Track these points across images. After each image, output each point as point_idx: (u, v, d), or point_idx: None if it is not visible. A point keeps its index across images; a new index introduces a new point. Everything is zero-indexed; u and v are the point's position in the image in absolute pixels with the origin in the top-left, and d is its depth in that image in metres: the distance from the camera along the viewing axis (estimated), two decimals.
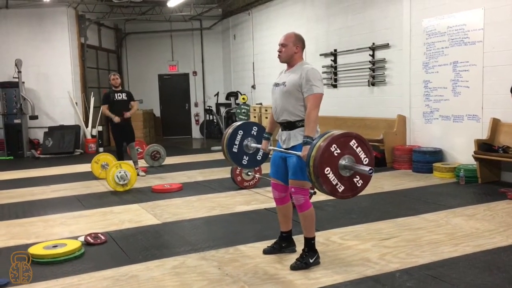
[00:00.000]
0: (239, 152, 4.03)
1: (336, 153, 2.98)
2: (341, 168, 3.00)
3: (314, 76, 3.39)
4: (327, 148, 2.96)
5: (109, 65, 14.38)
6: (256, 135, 4.05)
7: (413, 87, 7.80)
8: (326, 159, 2.95)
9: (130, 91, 8.17)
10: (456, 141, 7.11)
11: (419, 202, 5.48)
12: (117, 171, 6.59)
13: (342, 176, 3.00)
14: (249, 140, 4.03)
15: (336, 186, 2.98)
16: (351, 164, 3.00)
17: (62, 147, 11.45)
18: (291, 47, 3.49)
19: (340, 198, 3.09)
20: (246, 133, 4.03)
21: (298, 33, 3.58)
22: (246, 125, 4.07)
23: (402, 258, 3.63)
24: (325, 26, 9.78)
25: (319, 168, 2.93)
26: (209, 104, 14.82)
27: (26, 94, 11.25)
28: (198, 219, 5.08)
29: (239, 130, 4.01)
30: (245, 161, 4.09)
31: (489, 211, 4.91)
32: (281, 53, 3.53)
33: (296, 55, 3.52)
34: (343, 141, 3.02)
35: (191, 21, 14.61)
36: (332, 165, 2.97)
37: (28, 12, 11.64)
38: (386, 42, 8.23)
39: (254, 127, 4.07)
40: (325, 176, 2.95)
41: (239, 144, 4.02)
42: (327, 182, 2.96)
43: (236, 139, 4.01)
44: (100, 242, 4.27)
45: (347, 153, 3.02)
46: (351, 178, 3.03)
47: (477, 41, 6.61)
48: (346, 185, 3.02)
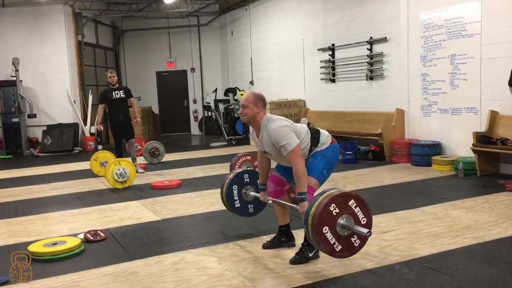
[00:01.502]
0: (242, 205, 4.07)
1: (334, 213, 2.97)
2: (339, 227, 2.98)
3: (280, 136, 3.32)
4: (326, 207, 2.95)
5: (106, 63, 14.35)
6: (250, 181, 4.07)
7: (411, 80, 7.80)
8: (324, 218, 2.94)
9: (127, 87, 8.12)
10: (455, 134, 7.11)
11: (418, 195, 5.48)
12: (116, 169, 6.59)
13: (340, 235, 2.98)
14: (247, 189, 4.06)
15: (333, 245, 2.96)
16: (349, 225, 2.99)
17: (60, 145, 11.45)
18: (252, 108, 3.43)
19: (337, 257, 3.08)
20: (240, 185, 4.05)
21: (258, 93, 3.52)
22: (236, 178, 4.05)
23: (402, 250, 3.64)
24: (322, 20, 9.76)
25: (318, 227, 2.92)
26: (207, 100, 14.80)
27: (24, 93, 11.23)
28: (198, 215, 5.09)
29: (233, 185, 4.02)
30: (252, 209, 4.14)
31: (488, 203, 4.92)
32: (242, 114, 3.49)
33: (258, 115, 3.45)
34: (342, 201, 3.01)
35: (188, 17, 14.57)
36: (331, 225, 2.96)
37: (25, 11, 11.61)
38: (383, 36, 8.22)
39: (245, 175, 4.08)
40: (323, 235, 2.94)
41: (239, 198, 4.05)
42: (325, 242, 2.94)
43: (234, 195, 4.05)
44: (99, 239, 4.28)
45: (346, 212, 3.00)
46: (348, 237, 3.01)
47: (475, 33, 6.60)
48: (344, 244, 3.00)
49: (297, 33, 10.62)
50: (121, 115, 7.79)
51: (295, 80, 10.78)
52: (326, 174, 3.50)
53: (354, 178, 6.68)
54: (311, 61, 10.19)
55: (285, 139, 3.31)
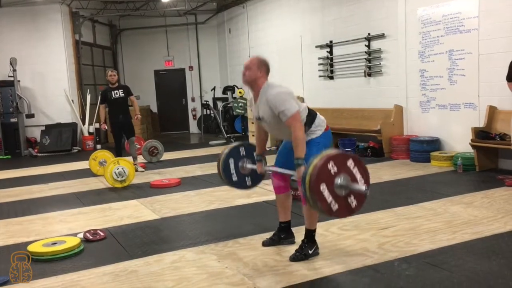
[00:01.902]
0: (239, 178, 4.01)
1: (333, 171, 2.97)
2: (336, 186, 2.99)
3: (280, 102, 3.32)
4: (325, 165, 2.96)
5: (104, 62, 14.33)
6: (246, 154, 4.02)
7: (409, 76, 7.80)
8: (322, 176, 2.94)
9: (126, 85, 8.10)
10: (453, 129, 7.11)
11: (417, 191, 5.49)
12: (115, 168, 6.58)
13: (337, 195, 2.99)
14: (244, 162, 3.99)
15: (330, 204, 2.96)
16: (347, 183, 3.00)
17: (59, 145, 11.43)
18: (255, 71, 3.44)
19: (335, 216, 3.10)
20: (236, 158, 3.99)
21: (263, 58, 3.54)
22: (232, 151, 4.00)
23: (401, 247, 3.65)
24: (320, 17, 9.75)
25: (315, 184, 2.92)
26: (206, 98, 14.78)
27: (22, 93, 11.21)
28: (197, 213, 5.09)
29: (229, 159, 3.96)
30: (249, 182, 4.08)
31: (487, 198, 4.92)
32: (245, 76, 3.50)
33: (260, 80, 3.47)
34: (340, 160, 3.01)
35: (185, 15, 14.55)
36: (328, 182, 2.96)
37: (22, 11, 11.57)
38: (381, 32, 8.21)
39: (241, 148, 4.03)
40: (320, 193, 2.94)
41: (236, 171, 3.99)
42: (322, 200, 2.95)
43: (231, 169, 3.97)
44: (99, 238, 4.27)
45: (344, 172, 3.01)
46: (345, 198, 3.02)
47: (473, 29, 6.60)
48: (341, 204, 3.00)
49: (295, 30, 10.61)
50: (121, 114, 7.78)
51: (293, 77, 10.76)
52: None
53: None
54: (309, 58, 10.18)
55: (284, 105, 3.30)
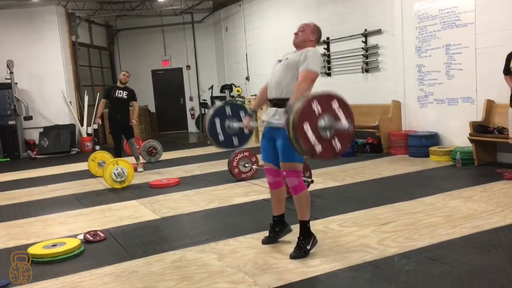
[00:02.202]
0: (226, 138, 3.99)
1: (316, 111, 2.94)
2: (320, 128, 2.96)
3: (314, 56, 3.42)
4: (309, 103, 2.93)
5: (101, 63, 14.31)
6: (232, 114, 3.99)
7: (406, 72, 7.80)
8: (306, 114, 2.91)
9: (133, 90, 8.06)
10: (452, 124, 7.12)
11: (416, 186, 5.49)
12: (114, 168, 6.58)
13: (321, 136, 2.96)
14: (230, 121, 3.97)
15: (313, 145, 2.93)
16: (331, 123, 2.97)
17: (58, 146, 11.42)
18: (308, 34, 3.58)
19: (318, 158, 3.05)
20: (222, 118, 3.97)
21: (318, 26, 3.68)
22: (218, 111, 3.98)
23: (401, 242, 3.65)
24: (316, 14, 9.72)
25: (299, 123, 2.89)
26: (204, 97, 14.77)
27: (19, 95, 11.19)
28: (197, 213, 5.09)
29: (215, 118, 3.94)
30: (236, 141, 4.07)
31: (486, 192, 4.93)
32: (297, 35, 3.59)
33: (309, 43, 3.58)
34: (325, 100, 3.00)
35: (182, 15, 14.52)
36: (312, 122, 2.93)
37: (18, 13, 11.54)
38: (378, 28, 8.21)
39: (227, 107, 4.00)
40: (303, 132, 2.90)
41: (222, 131, 3.97)
42: (305, 139, 2.91)
43: (217, 128, 3.95)
44: (99, 239, 4.27)
45: (328, 113, 2.98)
46: (329, 140, 3.00)
47: (469, 23, 6.60)
48: (324, 146, 2.97)
49: (291, 27, 10.44)
50: (119, 114, 7.77)
51: None
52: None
53: (352, 171, 6.69)
54: None
55: (314, 60, 3.40)
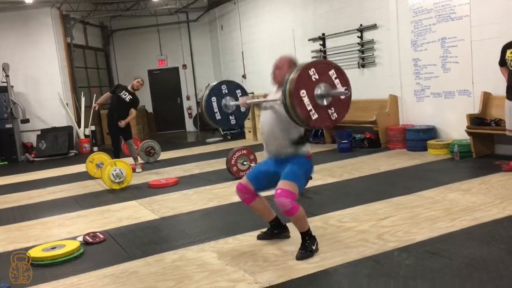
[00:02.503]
0: (223, 117, 3.98)
1: (314, 78, 2.94)
2: (317, 96, 2.96)
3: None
4: (306, 70, 2.92)
5: (97, 64, 14.28)
6: (228, 92, 3.99)
7: (402, 66, 7.79)
8: (303, 81, 2.90)
9: (138, 99, 8.04)
10: (449, 117, 7.12)
11: (415, 180, 5.50)
12: (112, 169, 6.57)
13: (318, 104, 2.96)
14: (226, 100, 3.97)
15: (310, 112, 2.92)
16: (327, 90, 2.96)
17: (56, 149, 11.39)
18: (286, 70, 3.44)
19: (313, 126, 3.05)
20: (219, 96, 3.96)
21: (293, 57, 3.60)
22: (215, 89, 3.98)
23: (400, 236, 3.65)
24: (311, 10, 9.72)
25: (295, 89, 2.88)
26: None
27: (16, 98, 11.16)
28: (196, 212, 5.09)
29: (211, 97, 3.94)
30: (233, 120, 4.06)
31: (485, 185, 4.94)
32: (275, 75, 3.53)
33: None
34: (322, 68, 3.00)
35: (177, 14, 14.49)
36: (309, 89, 2.92)
37: (12, 15, 11.49)
38: (373, 22, 8.20)
39: (223, 86, 4.00)
40: (300, 98, 2.89)
41: (219, 110, 3.96)
42: (302, 106, 2.90)
43: (213, 107, 3.95)
44: (98, 241, 4.27)
45: (325, 80, 2.98)
46: (326, 108, 2.99)
47: (464, 15, 6.59)
48: (321, 114, 2.96)
49: (287, 24, 10.57)
50: (115, 112, 7.79)
51: None
52: (304, 182, 3.47)
53: (350, 166, 6.69)
54: (303, 51, 10.15)
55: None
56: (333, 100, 3.02)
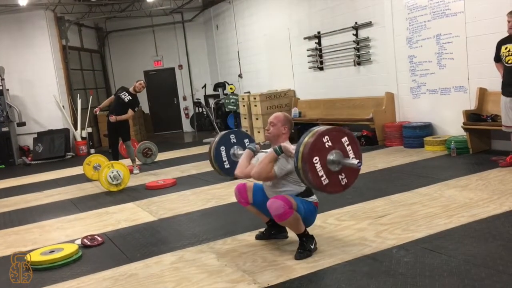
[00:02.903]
0: (231, 166, 4.03)
1: (327, 145, 3.01)
2: (329, 162, 3.02)
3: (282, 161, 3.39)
4: (320, 137, 3.00)
5: (93, 65, 14.25)
6: (237, 141, 4.08)
7: (398, 63, 7.80)
8: (317, 148, 2.98)
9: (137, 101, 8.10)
10: (445, 113, 7.13)
11: (412, 177, 5.50)
12: (109, 172, 6.56)
13: (329, 170, 3.03)
14: (234, 149, 4.05)
15: (321, 178, 2.99)
16: (339, 158, 3.03)
17: (52, 151, 11.36)
18: (280, 128, 3.47)
19: (324, 191, 3.10)
20: (227, 146, 4.05)
21: (288, 115, 3.61)
22: (223, 139, 4.06)
23: (398, 234, 3.66)
24: (306, 8, 9.72)
25: (309, 155, 2.95)
26: (197, 96, 14.73)
27: (11, 101, 11.13)
28: (194, 213, 5.08)
29: (220, 147, 4.03)
30: None
31: (482, 180, 4.95)
32: (268, 131, 3.53)
33: (283, 136, 3.50)
34: (336, 135, 3.06)
35: (172, 14, 14.47)
36: (321, 156, 2.99)
37: (6, 18, 11.45)
38: (368, 20, 8.20)
39: (231, 135, 4.09)
40: (312, 165, 2.96)
41: (228, 159, 4.04)
42: (313, 172, 2.97)
43: (222, 157, 4.03)
44: (97, 244, 4.26)
45: (338, 148, 3.05)
46: (336, 174, 3.06)
47: (459, 12, 6.60)
48: (331, 179, 3.03)
49: (282, 23, 10.57)
50: (114, 113, 7.80)
51: (284, 70, 10.75)
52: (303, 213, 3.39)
53: None
54: (298, 50, 10.16)
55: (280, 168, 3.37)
56: (345, 166, 3.08)
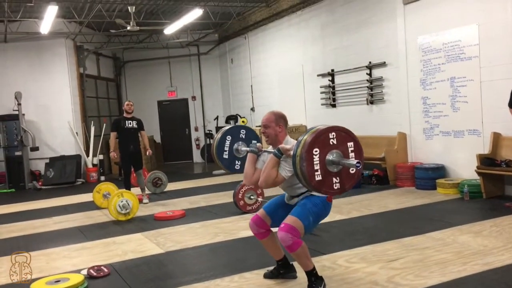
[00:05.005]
0: (229, 158, 3.97)
1: (331, 142, 2.94)
2: (328, 161, 2.93)
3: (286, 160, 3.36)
4: (327, 131, 2.93)
5: (108, 94, 14.47)
6: (245, 138, 4.00)
7: (411, 104, 7.81)
8: (320, 140, 2.89)
9: (140, 119, 8.15)
10: (458, 156, 7.08)
11: (424, 220, 5.42)
12: (119, 200, 6.55)
13: (326, 168, 2.93)
14: (239, 144, 3.97)
15: (315, 172, 2.88)
16: (339, 158, 2.95)
17: (63, 177, 11.41)
18: (274, 128, 3.46)
19: (314, 187, 2.95)
20: (234, 138, 3.97)
21: (278, 111, 3.57)
22: (234, 129, 4.00)
23: (411, 280, 3.57)
24: (321, 46, 9.86)
25: (310, 144, 2.86)
26: (209, 128, 14.84)
27: (26, 126, 11.28)
28: (202, 247, 5.02)
29: (227, 135, 3.96)
30: (238, 166, 4.03)
31: (496, 227, 4.85)
32: (265, 135, 3.51)
33: (280, 134, 3.48)
34: (343, 136, 3.00)
35: (188, 47, 14.75)
36: (322, 150, 2.90)
37: (27, 45, 11.75)
38: (382, 60, 8.28)
39: (242, 130, 4.01)
40: (311, 155, 2.86)
41: (229, 150, 3.96)
42: (310, 163, 2.86)
43: (225, 145, 3.95)
44: (103, 275, 4.21)
45: (341, 149, 2.97)
46: (332, 175, 2.96)
47: (473, 56, 6.64)
48: (325, 178, 2.92)
49: (296, 59, 10.71)
50: (132, 145, 7.83)
51: (296, 105, 10.81)
52: (313, 222, 3.37)
53: (358, 203, 6.62)
54: (311, 86, 10.25)
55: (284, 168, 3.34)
56: (342, 171, 3.00)
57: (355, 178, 3.05)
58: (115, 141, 7.92)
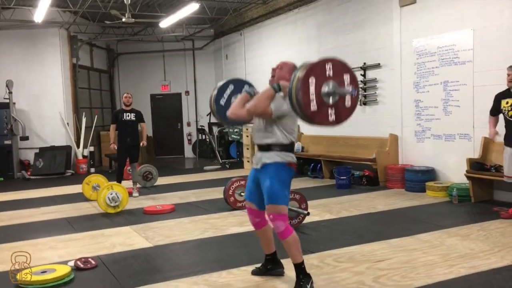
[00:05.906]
0: (225, 106, 3.92)
1: (327, 73, 2.92)
2: (323, 93, 2.92)
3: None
4: (324, 62, 2.92)
5: (101, 85, 14.37)
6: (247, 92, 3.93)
7: (404, 106, 7.85)
8: (316, 69, 2.88)
9: (140, 111, 8.14)
10: (449, 160, 7.12)
11: (413, 222, 5.45)
12: (108, 193, 6.51)
13: (321, 99, 2.91)
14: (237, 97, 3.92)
15: (310, 102, 2.86)
16: (335, 89, 2.93)
17: (53, 168, 11.33)
18: (285, 72, 3.50)
19: (310, 117, 2.94)
20: (236, 89, 3.95)
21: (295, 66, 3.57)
22: (238, 81, 4.00)
23: (397, 280, 3.59)
24: (316, 46, 9.86)
25: (307, 73, 2.84)
26: (201, 123, 14.81)
27: (17, 115, 11.18)
28: (191, 242, 5.01)
29: (230, 84, 3.96)
30: None
31: (483, 231, 4.89)
32: (274, 72, 3.57)
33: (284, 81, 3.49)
34: (340, 68, 2.98)
35: (183, 41, 14.68)
36: (318, 79, 2.88)
37: (20, 33, 11.63)
38: (377, 62, 8.30)
39: (246, 85, 4.00)
40: (306, 84, 2.84)
41: (227, 98, 3.93)
42: (305, 92, 2.85)
43: (225, 92, 3.94)
44: (90, 267, 4.19)
45: (337, 80, 2.95)
46: (327, 106, 2.94)
47: (467, 61, 6.68)
48: (320, 108, 2.91)
49: (291, 58, 10.54)
50: (129, 137, 7.81)
51: None
52: (287, 193, 3.47)
53: (348, 203, 6.65)
54: None
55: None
56: (339, 103, 2.98)
57: (350, 110, 3.05)
58: (114, 133, 7.91)
